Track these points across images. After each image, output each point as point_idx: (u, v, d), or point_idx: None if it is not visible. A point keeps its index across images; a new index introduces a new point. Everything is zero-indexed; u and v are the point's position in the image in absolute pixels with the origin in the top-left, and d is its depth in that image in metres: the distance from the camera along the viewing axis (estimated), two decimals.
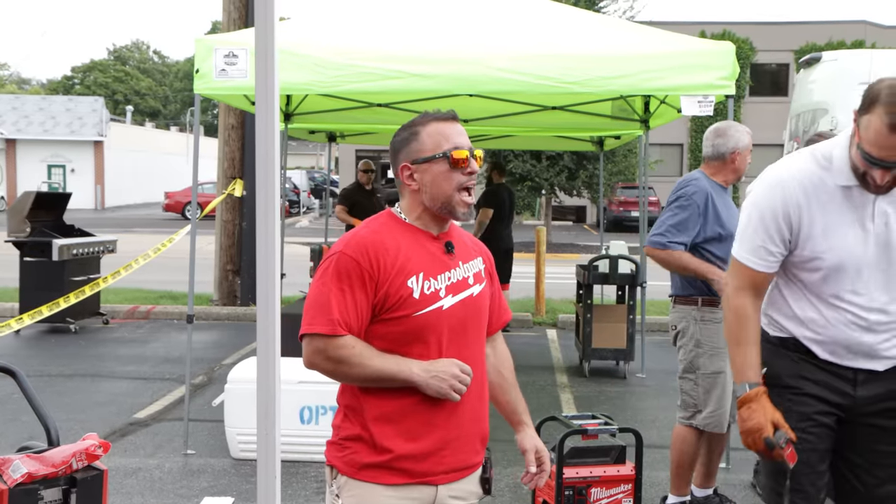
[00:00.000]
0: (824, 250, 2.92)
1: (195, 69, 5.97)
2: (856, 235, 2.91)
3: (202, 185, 32.95)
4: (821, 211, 2.91)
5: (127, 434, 6.66)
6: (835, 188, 2.90)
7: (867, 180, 2.81)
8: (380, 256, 2.44)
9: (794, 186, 2.93)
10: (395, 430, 2.46)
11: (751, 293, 3.05)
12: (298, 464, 5.84)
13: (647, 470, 5.33)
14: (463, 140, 2.54)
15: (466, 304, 2.54)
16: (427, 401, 2.46)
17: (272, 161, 1.70)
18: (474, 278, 2.59)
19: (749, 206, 3.05)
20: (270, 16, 1.67)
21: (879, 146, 2.70)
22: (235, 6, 11.97)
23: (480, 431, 2.60)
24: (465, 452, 2.55)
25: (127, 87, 77.13)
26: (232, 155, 12.32)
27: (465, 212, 2.52)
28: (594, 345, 8.71)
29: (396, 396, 2.46)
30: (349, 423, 2.52)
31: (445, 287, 2.50)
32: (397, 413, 2.46)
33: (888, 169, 2.74)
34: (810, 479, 3.01)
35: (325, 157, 54.79)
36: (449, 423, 2.49)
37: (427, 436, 2.47)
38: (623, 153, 24.05)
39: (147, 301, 12.59)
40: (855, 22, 36.85)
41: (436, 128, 2.53)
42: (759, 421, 2.93)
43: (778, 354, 3.12)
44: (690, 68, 5.94)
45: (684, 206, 4.73)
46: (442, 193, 2.50)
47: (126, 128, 51.94)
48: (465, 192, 2.51)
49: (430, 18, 6.68)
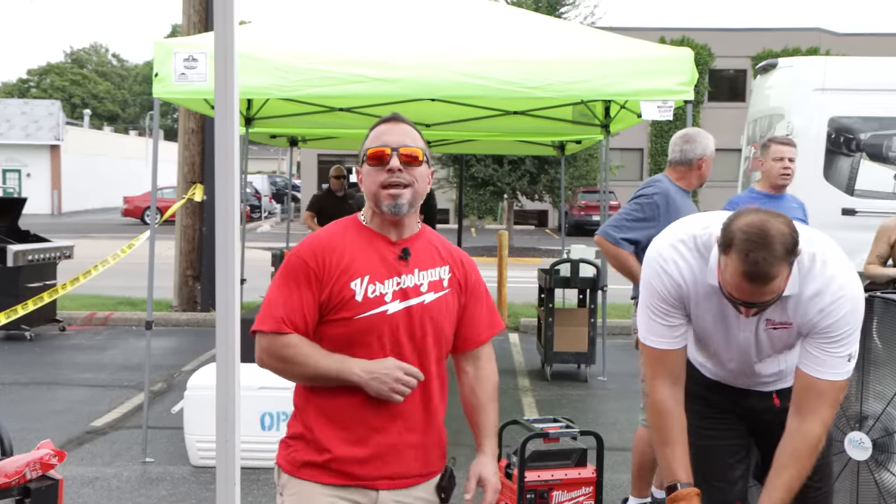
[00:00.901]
0: (695, 327, 2.95)
1: (154, 73, 5.92)
2: (721, 327, 2.89)
3: (162, 189, 32.66)
4: (696, 293, 2.85)
5: (84, 443, 6.57)
6: (705, 283, 2.81)
7: (735, 305, 2.70)
8: (326, 256, 2.45)
9: (676, 276, 2.83)
10: (336, 430, 2.45)
11: (668, 381, 2.93)
12: (259, 470, 5.80)
13: (609, 472, 5.35)
14: (391, 138, 2.49)
15: (414, 311, 2.49)
16: (371, 404, 2.44)
17: (232, 165, 1.69)
18: (430, 286, 2.53)
19: (641, 288, 2.98)
20: (230, 19, 1.65)
21: (738, 290, 2.59)
22: (195, 9, 11.88)
23: (433, 441, 2.55)
24: (410, 460, 2.50)
25: (84, 90, 76.28)
26: (192, 159, 12.22)
27: (389, 203, 2.45)
28: (556, 348, 8.74)
29: (339, 396, 2.44)
30: (295, 421, 2.54)
31: (392, 292, 2.46)
32: (339, 414, 2.45)
33: (749, 307, 2.64)
34: (721, 473, 3.11)
35: (286, 162, 54.49)
36: (392, 430, 2.46)
37: (368, 440, 2.45)
38: (584, 158, 24.21)
39: (105, 307, 12.44)
40: (810, 29, 37.41)
41: (376, 129, 2.54)
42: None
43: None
44: (650, 74, 5.99)
45: (642, 206, 4.78)
46: (369, 192, 2.50)
47: (84, 132, 51.32)
48: (389, 188, 2.46)
49: (392, 23, 6.67)
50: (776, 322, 2.79)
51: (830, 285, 2.70)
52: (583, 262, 8.82)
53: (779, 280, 2.54)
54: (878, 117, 8.43)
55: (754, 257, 2.50)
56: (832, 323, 2.70)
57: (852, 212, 8.35)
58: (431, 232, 2.64)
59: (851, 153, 8.45)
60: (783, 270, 2.54)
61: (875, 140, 8.44)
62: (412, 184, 2.48)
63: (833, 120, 8.41)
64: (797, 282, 2.68)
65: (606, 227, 4.83)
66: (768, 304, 2.61)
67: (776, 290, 2.57)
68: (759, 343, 2.89)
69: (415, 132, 2.54)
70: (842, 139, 8.44)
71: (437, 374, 2.57)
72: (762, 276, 2.51)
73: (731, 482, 3.10)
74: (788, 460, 2.78)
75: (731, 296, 2.62)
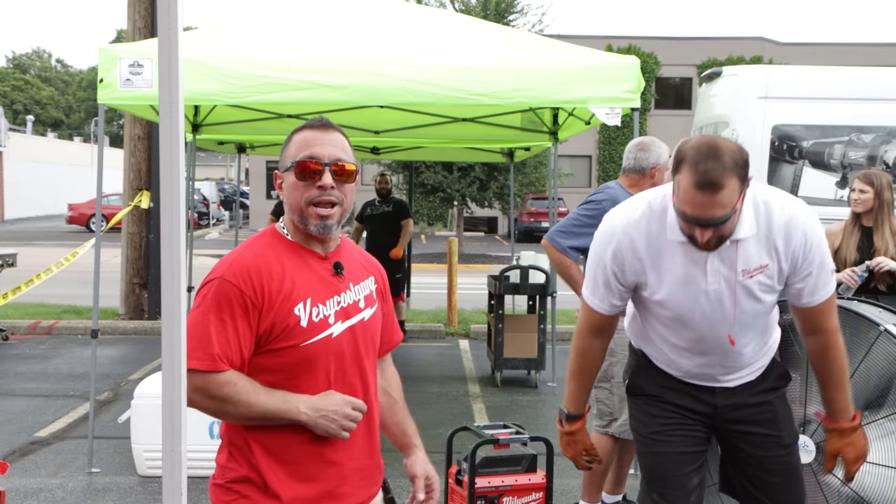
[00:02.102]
0: (664, 299, 2.96)
1: (99, 79, 5.84)
2: (691, 289, 2.92)
3: (108, 196, 32.19)
4: (656, 262, 2.91)
5: (28, 453, 6.45)
6: (670, 243, 2.88)
7: (694, 240, 2.79)
8: (264, 282, 2.22)
9: (626, 239, 2.93)
10: (286, 470, 2.26)
11: (595, 335, 3.16)
12: (208, 479, 5.74)
13: (559, 478, 5.38)
14: (320, 150, 2.28)
15: (356, 330, 2.34)
16: (320, 438, 2.28)
17: (177, 172, 1.67)
18: (365, 301, 2.40)
19: (591, 253, 3.08)
20: (174, 25, 1.64)
21: (691, 204, 2.67)
22: (140, 14, 11.75)
23: (377, 463, 2.46)
24: (361, 487, 2.38)
25: (27, 96, 74.94)
26: (138, 166, 12.07)
27: (318, 224, 2.28)
28: (506, 354, 8.78)
29: (285, 433, 2.26)
30: (235, 463, 2.31)
31: (335, 313, 2.30)
32: (286, 452, 2.26)
33: (704, 227, 2.70)
34: (677, 482, 3.11)
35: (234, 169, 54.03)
36: (342, 460, 2.32)
37: (320, 475, 2.29)
38: (534, 165, 24.33)
39: (50, 316, 12.22)
40: (753, 38, 38.06)
41: (302, 135, 2.32)
42: (571, 454, 3.33)
43: (641, 367, 3.26)
44: (597, 81, 6.05)
45: (589, 212, 4.81)
46: (294, 205, 2.30)
47: (26, 138, 50.40)
48: (318, 206, 2.28)
49: (340, 30, 6.67)
50: (752, 270, 2.87)
51: (787, 211, 2.86)
52: (532, 269, 8.87)
53: (729, 191, 2.63)
54: (820, 125, 8.60)
55: (704, 167, 2.62)
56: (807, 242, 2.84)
57: None
58: (347, 242, 2.51)
59: (794, 160, 8.61)
60: (733, 182, 2.63)
61: (817, 148, 8.60)
62: (342, 202, 2.30)
63: (776, 128, 8.56)
64: (754, 221, 2.82)
65: (553, 233, 4.86)
66: (721, 221, 2.68)
67: (727, 205, 2.65)
68: (736, 298, 2.90)
69: (346, 142, 2.36)
70: (785, 147, 8.59)
71: (375, 392, 2.46)
72: (712, 184, 2.61)
73: (688, 491, 3.11)
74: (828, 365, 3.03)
75: (685, 215, 2.71)
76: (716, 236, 2.74)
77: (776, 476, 3.11)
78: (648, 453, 3.17)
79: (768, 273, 2.89)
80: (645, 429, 3.20)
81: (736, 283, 2.89)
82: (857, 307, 4.10)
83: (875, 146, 8.52)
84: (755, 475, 3.14)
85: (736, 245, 2.84)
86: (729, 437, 3.18)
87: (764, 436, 3.11)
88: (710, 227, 2.70)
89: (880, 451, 3.82)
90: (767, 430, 3.11)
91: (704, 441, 3.18)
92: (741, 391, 3.14)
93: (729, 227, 2.75)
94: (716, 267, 2.87)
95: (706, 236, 2.73)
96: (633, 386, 3.26)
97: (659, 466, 3.14)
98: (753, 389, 3.13)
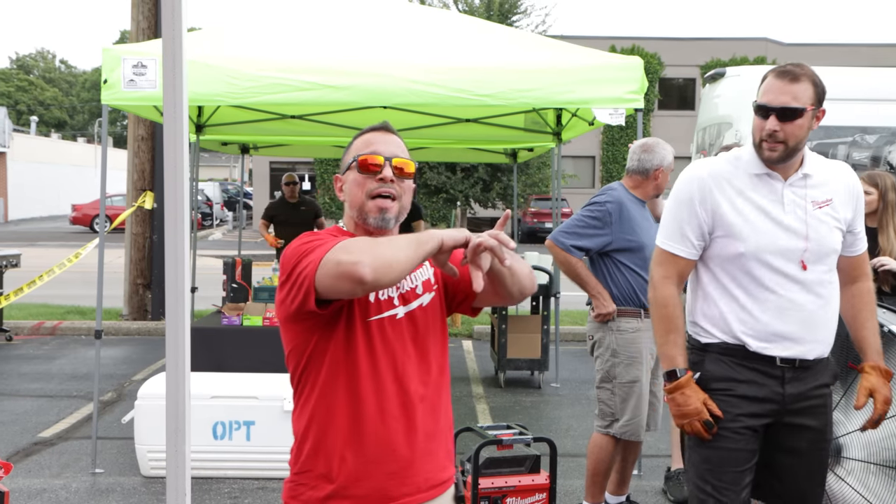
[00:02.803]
0: (741, 232, 3.13)
1: (103, 79, 5.85)
2: (769, 219, 3.12)
3: (111, 197, 32.24)
4: (734, 198, 3.15)
5: (31, 454, 6.45)
6: (746, 177, 3.16)
7: (761, 149, 3.10)
8: None
9: (707, 178, 3.20)
10: (340, 455, 2.29)
11: (675, 281, 3.26)
12: (211, 480, 5.74)
13: (562, 478, 5.39)
14: (382, 147, 2.39)
15: (415, 315, 2.39)
16: (376, 420, 2.29)
17: (181, 172, 1.68)
18: (423, 286, 2.44)
19: (670, 200, 3.29)
20: (178, 25, 1.64)
21: (770, 91, 3.06)
22: (144, 15, 11.76)
23: (442, 446, 2.43)
24: (424, 472, 2.36)
25: (31, 97, 75.04)
26: (142, 167, 12.09)
27: (377, 217, 2.35)
28: (509, 355, 8.77)
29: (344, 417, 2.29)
30: (298, 453, 2.37)
31: (398, 295, 2.37)
32: (342, 435, 2.30)
33: (779, 116, 3.03)
34: (734, 477, 3.14)
35: (238, 169, 54.13)
36: (403, 442, 2.32)
37: (382, 459, 2.30)
38: (537, 165, 24.36)
39: (54, 316, 12.24)
40: (757, 39, 38.04)
41: (363, 138, 2.44)
42: (695, 406, 3.16)
43: (706, 359, 3.25)
44: (601, 82, 6.05)
45: (594, 213, 4.82)
46: (355, 201, 2.38)
47: (30, 139, 50.47)
48: (377, 199, 2.35)
49: (343, 30, 6.67)
50: (820, 202, 3.16)
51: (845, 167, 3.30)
52: (536, 270, 8.87)
53: (804, 89, 3.05)
54: (823, 126, 8.56)
55: (787, 66, 3.11)
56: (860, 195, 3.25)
57: None
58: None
59: None
60: (809, 86, 3.06)
61: (820, 149, 8.59)
62: (400, 197, 2.39)
63: None
64: (820, 164, 3.21)
65: (557, 233, 4.87)
66: (794, 113, 3.03)
67: (801, 99, 3.04)
68: (808, 228, 3.12)
69: (403, 144, 2.46)
70: None
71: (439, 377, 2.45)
72: (792, 74, 3.06)
73: (742, 487, 3.16)
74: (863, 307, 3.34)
75: (762, 107, 3.06)
76: (786, 134, 3.04)
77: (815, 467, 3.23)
78: (710, 446, 3.18)
79: (834, 208, 3.17)
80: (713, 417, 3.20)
81: (807, 213, 3.14)
82: None
83: (879, 147, 8.50)
84: (788, 465, 3.22)
85: (805, 180, 3.16)
86: (779, 431, 3.19)
87: (814, 429, 3.20)
88: (784, 120, 3.03)
89: (886, 452, 3.81)
90: (819, 423, 3.21)
91: (757, 445, 3.21)
92: (808, 379, 3.17)
93: (798, 132, 3.06)
94: (790, 198, 3.14)
95: (778, 127, 3.03)
96: (699, 380, 3.22)
97: (717, 460, 3.16)
98: (816, 381, 3.19)
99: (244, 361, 6.68)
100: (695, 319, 3.30)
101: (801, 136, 3.07)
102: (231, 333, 7.09)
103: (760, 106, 3.07)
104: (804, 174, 3.15)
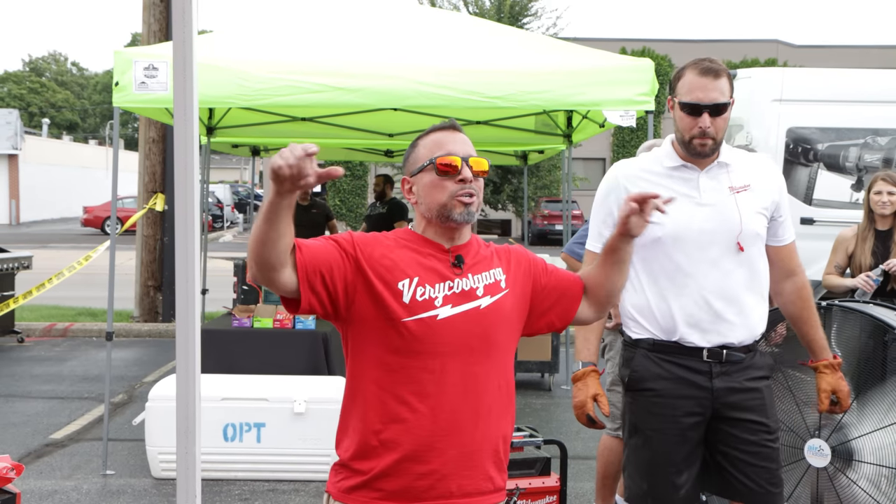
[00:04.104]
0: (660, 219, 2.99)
1: (114, 82, 5.87)
2: (686, 209, 3.13)
3: (122, 199, 32.28)
4: (649, 188, 3.04)
5: (43, 455, 6.48)
6: (662, 169, 3.23)
7: (693, 145, 3.13)
8: (369, 245, 2.36)
9: (619, 176, 3.30)
10: (383, 446, 2.31)
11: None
12: (222, 482, 5.75)
13: (572, 481, 5.37)
14: (456, 147, 2.40)
15: (470, 316, 2.37)
16: (421, 412, 2.31)
17: (191, 174, 1.68)
18: (485, 290, 2.41)
19: (594, 205, 3.42)
20: (189, 28, 1.65)
21: (696, 90, 3.08)
22: (155, 18, 11.80)
23: (490, 449, 2.40)
24: (468, 477, 2.35)
25: (43, 99, 75.33)
26: (153, 169, 12.12)
27: (462, 211, 2.38)
28: (519, 357, 8.73)
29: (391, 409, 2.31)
30: (342, 441, 2.40)
31: (443, 297, 2.35)
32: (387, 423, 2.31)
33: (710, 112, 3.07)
34: (668, 478, 3.19)
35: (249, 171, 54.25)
36: (446, 442, 2.32)
37: (426, 454, 2.31)
38: (548, 168, 24.35)
39: (65, 318, 12.28)
40: (768, 41, 37.95)
41: (432, 138, 2.44)
42: (581, 399, 3.34)
43: (637, 356, 3.29)
44: (611, 84, 6.04)
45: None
46: (435, 203, 2.38)
47: (42, 141, 50.66)
48: (461, 197, 2.38)
49: (354, 33, 6.68)
50: (737, 187, 3.20)
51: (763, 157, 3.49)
52: None
53: (725, 83, 3.10)
54: (835, 128, 8.55)
55: (705, 62, 3.13)
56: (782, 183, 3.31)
57: (810, 221, 8.45)
58: (478, 238, 2.55)
59: (809, 163, 8.56)
60: (727, 80, 3.12)
61: (832, 150, 8.56)
62: (477, 193, 2.43)
63: (791, 130, 8.52)
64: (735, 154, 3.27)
65: (572, 245, 4.88)
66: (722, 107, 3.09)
67: (725, 93, 3.10)
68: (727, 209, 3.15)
69: (471, 141, 2.48)
70: (800, 149, 8.55)
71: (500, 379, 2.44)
72: (714, 70, 3.09)
73: (677, 487, 3.18)
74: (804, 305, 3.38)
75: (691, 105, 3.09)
76: (716, 129, 3.10)
77: (761, 459, 3.19)
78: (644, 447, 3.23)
79: (753, 193, 3.20)
80: (643, 424, 3.25)
81: (725, 196, 3.17)
82: (873, 311, 4.08)
83: (891, 149, 8.47)
84: (741, 459, 3.21)
85: (721, 168, 3.21)
86: (720, 428, 3.21)
87: (753, 422, 3.20)
88: (714, 115, 3.07)
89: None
90: (757, 416, 3.20)
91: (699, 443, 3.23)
92: (735, 373, 3.18)
93: (724, 125, 3.13)
94: (707, 184, 3.19)
95: (709, 122, 3.07)
96: (632, 379, 3.29)
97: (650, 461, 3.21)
98: (745, 375, 3.20)
99: (254, 363, 6.68)
100: (626, 312, 3.35)
101: (725, 129, 3.16)
102: (241, 335, 7.10)
103: (690, 104, 3.10)
104: (720, 163, 3.21)
